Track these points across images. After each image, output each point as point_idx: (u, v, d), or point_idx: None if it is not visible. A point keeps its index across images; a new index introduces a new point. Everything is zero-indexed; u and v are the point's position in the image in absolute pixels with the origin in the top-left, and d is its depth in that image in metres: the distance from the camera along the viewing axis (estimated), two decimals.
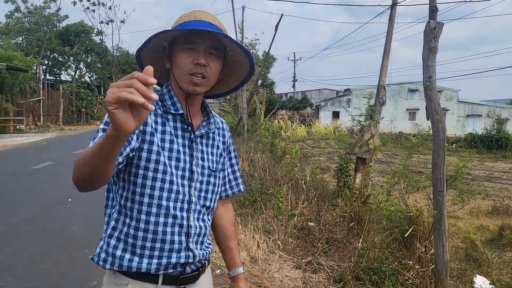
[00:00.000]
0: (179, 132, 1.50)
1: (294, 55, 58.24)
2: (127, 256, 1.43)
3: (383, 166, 12.90)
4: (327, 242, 5.12)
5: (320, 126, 33.31)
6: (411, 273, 3.97)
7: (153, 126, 1.43)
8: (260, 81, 24.58)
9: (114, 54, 40.85)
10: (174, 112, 1.49)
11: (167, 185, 1.43)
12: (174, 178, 1.44)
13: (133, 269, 1.42)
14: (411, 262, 4.08)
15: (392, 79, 35.95)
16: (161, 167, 1.42)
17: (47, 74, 35.71)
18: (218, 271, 4.45)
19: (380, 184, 8.54)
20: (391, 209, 4.58)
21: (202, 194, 1.55)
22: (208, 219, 1.61)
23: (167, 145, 1.44)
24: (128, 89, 0.92)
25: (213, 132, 1.62)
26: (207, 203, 1.57)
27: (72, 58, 38.49)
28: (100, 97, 36.49)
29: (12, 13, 35.81)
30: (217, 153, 1.63)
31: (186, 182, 1.48)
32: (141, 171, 1.41)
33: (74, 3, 37.56)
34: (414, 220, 4.25)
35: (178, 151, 1.47)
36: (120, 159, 1.29)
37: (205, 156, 1.56)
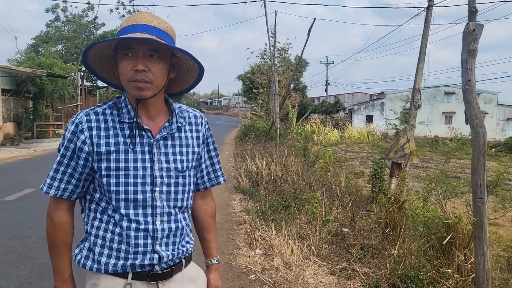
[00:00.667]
0: (137, 139, 1.50)
1: (327, 58, 57.88)
2: (98, 257, 1.52)
3: (418, 171, 12.64)
4: (362, 248, 5.05)
5: (354, 130, 32.91)
6: (450, 282, 3.86)
7: (103, 142, 1.47)
8: (292, 85, 24.55)
9: None
10: (127, 121, 1.50)
11: (127, 196, 1.48)
12: (132, 188, 1.48)
13: (101, 270, 1.51)
14: (450, 271, 3.97)
15: (427, 82, 35.11)
16: (121, 180, 1.47)
17: (84, 80, 36.74)
18: (252, 276, 4.46)
19: (415, 189, 8.37)
20: (428, 215, 4.48)
21: (172, 196, 1.55)
22: (184, 218, 1.63)
23: (122, 156, 1.47)
24: None
25: (180, 131, 1.61)
26: (179, 204, 1.58)
27: None
28: None
29: (52, 22, 37.09)
30: (187, 152, 1.61)
31: (148, 188, 1.50)
32: (103, 187, 1.49)
33: (111, 10, 38.60)
34: (452, 227, 4.13)
35: (135, 160, 1.48)
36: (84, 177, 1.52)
37: (171, 158, 1.55)
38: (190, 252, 1.70)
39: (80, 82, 32.92)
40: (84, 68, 38.01)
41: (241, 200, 8.03)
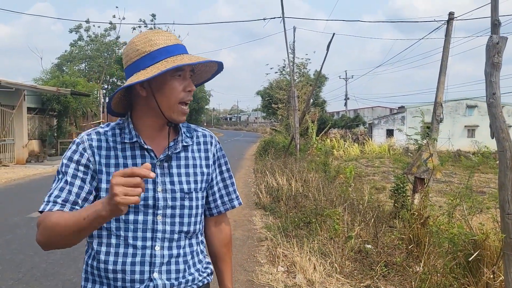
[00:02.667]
0: (138, 160, 1.44)
1: (346, 73, 57.78)
2: (95, 286, 1.46)
3: (441, 185, 12.41)
4: (386, 266, 4.96)
5: (374, 145, 32.60)
6: None
7: (104, 162, 1.42)
8: (311, 100, 24.54)
9: None
10: (128, 141, 1.45)
11: (126, 216, 1.40)
12: (133, 209, 1.40)
13: None
14: None
15: (448, 95, 34.75)
16: None
17: (106, 98, 37.44)
18: None
19: (439, 204, 8.22)
20: (454, 232, 4.38)
21: (176, 219, 1.46)
22: (191, 244, 1.52)
23: None
24: (134, 190, 1.12)
25: (187, 151, 1.53)
26: (185, 228, 1.48)
27: None
28: None
29: (76, 41, 38.01)
30: (195, 173, 1.52)
31: (150, 211, 1.42)
32: None
33: (133, 29, 39.39)
34: (480, 244, 4.03)
35: None
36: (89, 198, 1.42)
37: (175, 179, 1.47)
38: (204, 282, 1.57)
39: (103, 100, 33.54)
40: (106, 86, 38.94)
41: (262, 216, 8.00)
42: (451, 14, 9.81)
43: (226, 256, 1.73)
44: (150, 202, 1.43)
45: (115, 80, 40.34)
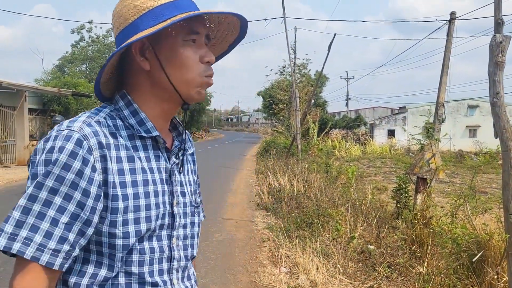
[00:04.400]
0: (154, 164, 1.07)
1: (347, 73, 57.78)
2: None
3: (443, 186, 12.38)
4: (389, 266, 4.94)
5: (375, 145, 32.56)
6: None
7: (116, 169, 1.00)
8: (312, 101, 24.54)
9: None
10: (145, 135, 1.06)
11: (140, 245, 1.04)
12: (147, 233, 1.05)
13: None
14: None
15: (449, 95, 34.74)
16: (142, 226, 1.02)
17: None
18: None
19: (441, 204, 8.20)
20: (457, 232, 4.37)
21: (188, 241, 1.17)
22: (194, 273, 1.25)
23: (140, 190, 1.02)
24: None
25: (186, 154, 1.23)
26: (195, 252, 1.21)
27: None
28: None
29: (77, 42, 38.05)
30: (193, 181, 1.25)
31: (165, 233, 1.08)
32: (109, 240, 1.00)
33: None
34: (483, 245, 4.02)
35: (156, 194, 1.05)
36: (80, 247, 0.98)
37: (186, 189, 1.17)
38: None
39: None
40: None
41: (264, 216, 7.98)
42: (452, 14, 9.79)
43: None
44: (167, 220, 1.09)
45: None
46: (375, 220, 6.22)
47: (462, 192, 5.66)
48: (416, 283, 4.37)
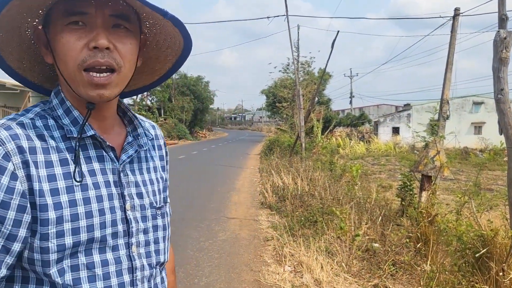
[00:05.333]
0: (96, 166, 0.95)
1: (351, 71, 57.78)
2: None
3: (448, 183, 12.33)
4: (394, 264, 4.91)
5: (380, 143, 32.49)
6: None
7: (45, 175, 0.87)
8: (316, 99, 24.52)
9: (173, 77, 42.39)
10: (77, 136, 0.93)
11: (88, 259, 0.92)
12: (96, 245, 0.93)
13: None
14: (486, 287, 3.81)
15: (454, 92, 34.58)
16: (81, 236, 0.89)
17: None
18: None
19: (446, 202, 8.16)
20: (461, 229, 4.34)
21: (152, 247, 1.03)
22: (163, 279, 1.11)
23: (78, 195, 0.90)
24: None
25: (146, 149, 1.09)
26: (161, 258, 1.07)
27: None
28: (161, 118, 37.86)
29: None
30: (157, 179, 1.10)
31: (121, 241, 0.96)
32: (46, 257, 0.88)
33: None
34: (489, 242, 3.99)
35: (99, 199, 0.93)
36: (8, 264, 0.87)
37: (143, 190, 1.03)
38: None
39: None
40: None
41: (268, 215, 7.97)
42: (456, 10, 9.73)
43: (174, 285, 1.32)
44: (120, 227, 0.96)
45: None
46: (380, 218, 6.20)
47: (467, 189, 5.63)
48: (421, 281, 4.35)
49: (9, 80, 16.23)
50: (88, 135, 0.93)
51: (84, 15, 0.88)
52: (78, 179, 0.90)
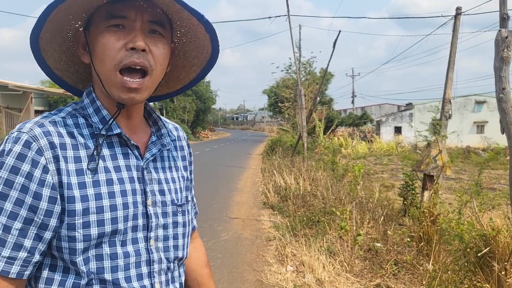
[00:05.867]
0: (121, 162, 1.01)
1: (353, 70, 57.69)
2: None
3: (450, 182, 12.32)
4: (396, 264, 4.92)
5: (382, 142, 32.46)
6: None
7: (73, 169, 0.94)
8: (318, 98, 24.53)
9: None
10: (105, 133, 0.99)
11: (111, 249, 0.98)
12: (119, 237, 0.99)
13: None
14: (488, 286, 3.81)
15: (456, 91, 34.50)
16: (106, 227, 0.96)
17: None
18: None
19: (448, 201, 8.16)
20: (463, 228, 4.34)
21: (171, 243, 1.09)
22: (181, 274, 1.16)
23: (104, 189, 0.96)
24: None
25: (169, 149, 1.15)
26: (180, 254, 1.12)
27: None
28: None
29: None
30: (178, 178, 1.15)
31: (140, 235, 1.01)
32: (73, 245, 0.94)
33: None
34: (490, 241, 3.99)
35: (123, 194, 0.99)
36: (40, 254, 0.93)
37: (165, 187, 1.09)
38: None
39: None
40: None
41: (270, 215, 7.98)
42: (458, 9, 9.72)
43: (210, 279, 1.36)
44: (140, 222, 1.01)
45: None
46: (382, 217, 6.20)
47: (468, 188, 5.63)
48: (423, 280, 4.35)
49: (11, 81, 16.27)
50: (115, 133, 1.00)
51: (124, 18, 0.95)
52: (91, 169, 0.96)
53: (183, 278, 1.17)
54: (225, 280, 4.74)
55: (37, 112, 19.62)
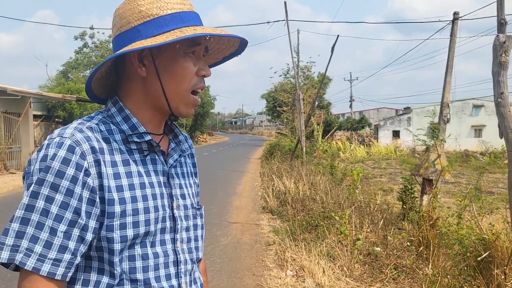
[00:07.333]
0: (150, 167, 1.07)
1: (351, 75, 57.83)
2: None
3: (449, 186, 12.34)
4: (395, 268, 4.92)
5: (380, 146, 32.49)
6: None
7: (111, 173, 1.00)
8: (316, 103, 24.58)
9: None
10: (138, 140, 1.05)
11: (143, 250, 1.04)
12: (149, 238, 1.05)
13: None
14: None
15: (454, 95, 34.57)
16: (140, 229, 1.02)
17: None
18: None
19: (447, 205, 8.17)
20: (462, 233, 4.35)
21: (192, 244, 1.16)
22: (199, 276, 1.22)
23: (138, 193, 1.02)
24: None
25: (185, 156, 1.23)
26: (200, 255, 1.20)
27: None
28: None
29: (81, 48, 38.23)
30: (191, 183, 1.22)
31: (168, 237, 1.08)
32: (108, 246, 0.99)
33: None
34: (490, 245, 3.99)
35: (154, 197, 1.05)
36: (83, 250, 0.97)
37: (185, 191, 1.16)
38: None
39: None
40: None
41: (270, 220, 7.97)
42: (456, 14, 9.76)
43: (207, 285, 1.38)
44: (168, 224, 1.08)
45: None
46: (381, 221, 6.20)
47: (467, 192, 5.64)
48: (423, 285, 4.35)
49: (10, 86, 16.26)
50: (146, 139, 1.06)
51: (199, 45, 1.06)
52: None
53: (202, 279, 1.23)
54: (225, 285, 4.73)
55: (36, 117, 19.60)
